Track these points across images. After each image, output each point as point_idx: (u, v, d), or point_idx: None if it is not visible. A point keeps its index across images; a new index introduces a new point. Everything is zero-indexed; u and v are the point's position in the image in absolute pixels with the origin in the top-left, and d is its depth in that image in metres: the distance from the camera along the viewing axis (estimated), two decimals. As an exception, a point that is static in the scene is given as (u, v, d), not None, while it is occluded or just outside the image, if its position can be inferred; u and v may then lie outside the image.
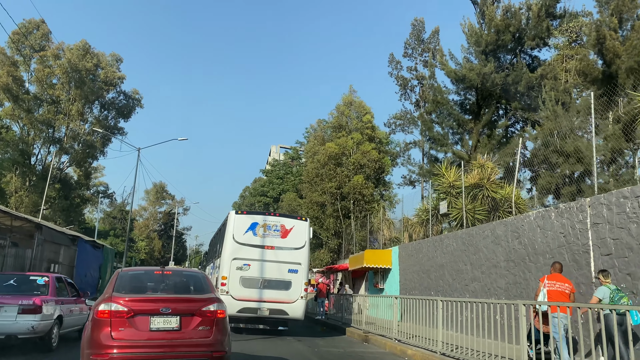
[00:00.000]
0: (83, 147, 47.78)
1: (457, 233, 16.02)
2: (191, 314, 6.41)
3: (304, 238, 14.94)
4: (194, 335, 6.31)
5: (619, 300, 7.83)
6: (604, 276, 8.39)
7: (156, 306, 6.30)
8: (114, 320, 6.06)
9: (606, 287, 8.13)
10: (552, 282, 8.78)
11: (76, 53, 45.85)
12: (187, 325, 6.32)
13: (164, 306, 6.30)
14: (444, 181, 19.23)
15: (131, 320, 6.12)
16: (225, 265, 14.15)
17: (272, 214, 15.11)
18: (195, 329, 6.35)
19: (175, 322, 6.27)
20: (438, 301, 10.69)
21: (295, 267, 14.58)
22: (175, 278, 7.58)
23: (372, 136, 33.60)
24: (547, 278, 8.92)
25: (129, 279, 7.10)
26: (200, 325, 6.38)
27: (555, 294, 8.60)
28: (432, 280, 17.55)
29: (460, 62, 26.90)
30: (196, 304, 6.56)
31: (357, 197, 31.84)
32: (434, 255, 17.55)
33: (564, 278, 9.03)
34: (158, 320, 6.22)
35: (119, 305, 6.16)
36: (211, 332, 6.41)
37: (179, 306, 6.41)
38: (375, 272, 23.83)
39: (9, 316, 8.40)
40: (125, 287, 6.72)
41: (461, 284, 15.29)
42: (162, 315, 6.23)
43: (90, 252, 20.50)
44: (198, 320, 6.40)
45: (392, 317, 15.48)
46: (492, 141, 26.85)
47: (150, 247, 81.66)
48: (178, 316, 6.29)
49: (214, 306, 6.59)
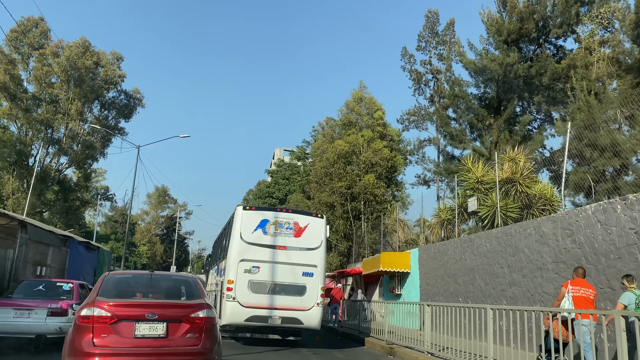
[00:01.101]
0: (82, 148, 46.29)
1: (491, 232, 14.32)
2: (179, 320, 6.04)
3: (320, 237, 13.28)
4: (181, 343, 5.94)
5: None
6: (628, 281, 8.02)
7: (142, 312, 5.91)
8: (96, 326, 5.70)
9: (631, 293, 7.77)
10: (576, 287, 8.39)
11: (75, 51, 44.44)
12: (174, 332, 5.97)
13: (149, 312, 5.92)
14: (471, 176, 17.54)
15: (115, 326, 5.76)
16: (232, 267, 12.49)
17: (285, 210, 13.45)
18: (183, 337, 5.99)
19: (161, 328, 5.92)
20: (488, 309, 8.96)
21: (311, 269, 12.90)
22: (164, 282, 7.26)
23: (383, 133, 31.96)
24: (571, 284, 8.51)
25: (114, 283, 6.70)
26: (188, 333, 6.02)
27: (580, 300, 8.21)
28: (459, 285, 15.84)
29: (480, 53, 25.24)
30: (184, 310, 6.18)
31: (368, 197, 30.16)
32: (462, 258, 15.85)
33: (588, 283, 8.62)
34: (143, 327, 5.86)
35: (102, 310, 5.78)
36: (200, 340, 6.05)
37: (166, 312, 6.04)
38: (392, 277, 22.11)
39: (39, 318, 9.44)
40: (110, 292, 6.33)
41: (496, 289, 13.58)
42: (148, 321, 5.88)
43: (84, 254, 18.86)
44: (186, 327, 6.05)
45: (417, 326, 13.82)
46: (515, 137, 25.14)
47: (152, 252, 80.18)
48: (165, 322, 5.95)
49: (203, 313, 6.20)
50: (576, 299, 8.23)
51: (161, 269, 75.37)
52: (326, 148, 32.39)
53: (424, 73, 32.61)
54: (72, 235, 18.77)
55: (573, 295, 8.29)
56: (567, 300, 8.30)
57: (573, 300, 8.24)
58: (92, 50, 46.14)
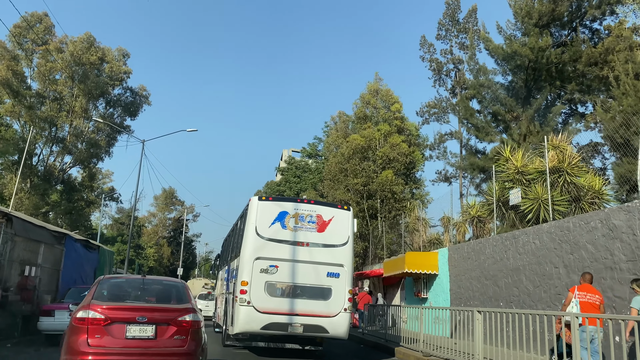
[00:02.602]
0: (87, 146, 44.90)
1: (541, 227, 12.52)
2: (167, 323, 6.39)
3: (347, 232, 11.55)
4: (168, 345, 6.30)
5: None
6: (638, 285, 8.06)
7: (133, 315, 6.27)
8: (90, 327, 6.06)
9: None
10: (582, 293, 8.45)
11: (80, 46, 43.07)
12: (162, 334, 6.31)
13: (140, 315, 6.28)
14: (509, 167, 15.75)
15: (108, 327, 6.13)
16: (246, 266, 10.79)
17: (306, 200, 11.75)
18: (170, 338, 6.34)
19: (150, 330, 6.27)
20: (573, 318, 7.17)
21: (336, 269, 11.18)
22: (154, 287, 7.57)
23: (401, 127, 30.20)
24: (578, 289, 8.58)
25: (109, 287, 7.06)
26: (175, 335, 6.37)
27: (586, 305, 8.29)
28: (500, 287, 14.04)
29: (509, 37, 23.44)
30: (172, 314, 6.52)
31: (386, 195, 28.37)
32: (503, 257, 14.05)
33: (594, 289, 8.69)
34: (134, 329, 6.22)
35: (96, 312, 6.14)
36: (186, 342, 6.39)
37: (155, 315, 6.38)
38: (416, 279, 20.32)
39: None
40: (104, 295, 6.68)
41: (549, 292, 11.77)
42: (138, 323, 6.23)
43: (82, 253, 17.24)
44: (173, 329, 6.38)
45: (446, 333, 12.09)
46: (546, 128, 23.31)
47: (159, 254, 78.82)
48: (154, 325, 6.29)
49: (189, 316, 6.54)
50: (583, 304, 8.31)
51: (168, 272, 74.18)
52: (340, 143, 30.68)
53: (445, 63, 30.83)
54: (68, 232, 17.15)
55: (580, 301, 8.35)
56: (575, 305, 8.35)
57: (580, 305, 8.29)
58: (96, 46, 44.81)
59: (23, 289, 12.75)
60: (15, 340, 11.77)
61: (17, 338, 11.98)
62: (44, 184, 42.99)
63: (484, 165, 24.31)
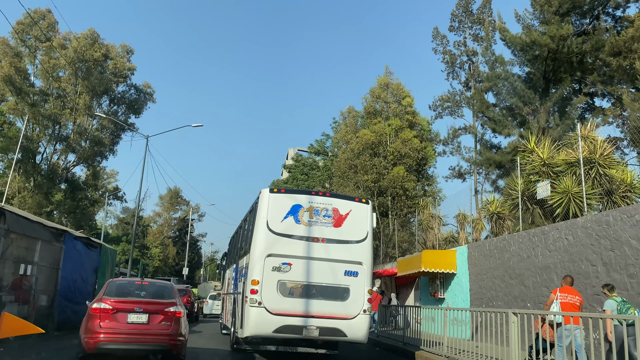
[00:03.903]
0: (91, 144, 44.22)
1: (575, 222, 11.57)
2: (157, 312, 8.58)
3: (366, 227, 10.66)
4: (157, 328, 8.48)
5: (626, 311, 8.07)
6: (609, 290, 8.71)
7: (132, 306, 8.50)
8: (102, 314, 8.27)
9: (612, 300, 8.35)
10: (564, 294, 9.08)
11: (83, 42, 42.41)
12: (153, 321, 8.49)
13: (137, 307, 8.51)
14: (534, 159, 14.80)
15: (114, 315, 8.32)
16: (257, 265, 9.91)
17: (321, 193, 10.86)
18: (159, 324, 8.52)
19: (145, 318, 8.45)
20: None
21: (355, 267, 10.29)
22: (150, 287, 9.65)
23: (413, 122, 29.25)
24: (560, 291, 9.22)
25: (115, 287, 9.32)
26: (163, 321, 8.56)
27: (567, 306, 8.90)
28: (527, 287, 13.10)
29: (528, 26, 22.45)
30: (160, 306, 8.72)
31: (397, 191, 27.45)
32: (530, 254, 13.11)
33: (575, 291, 9.33)
34: (133, 316, 8.40)
35: (106, 304, 8.37)
36: (170, 326, 8.58)
37: (148, 307, 8.58)
38: (432, 279, 19.40)
39: None
40: (112, 292, 8.94)
41: (585, 293, 10.80)
42: (136, 312, 8.43)
43: (83, 252, 16.41)
44: (161, 317, 8.58)
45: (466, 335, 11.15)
46: (567, 121, 22.33)
47: (165, 254, 78.17)
48: (147, 314, 8.48)
49: (173, 308, 8.77)
50: (564, 305, 8.92)
51: (174, 272, 73.66)
52: (350, 139, 29.79)
53: (458, 55, 29.85)
54: (67, 229, 16.34)
55: (561, 302, 8.98)
56: (556, 306, 8.97)
57: (561, 305, 8.93)
58: (100, 43, 44.15)
59: (18, 288, 11.95)
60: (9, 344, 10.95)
61: (10, 342, 11.16)
62: (48, 183, 42.36)
63: (500, 160, 23.35)
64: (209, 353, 11.85)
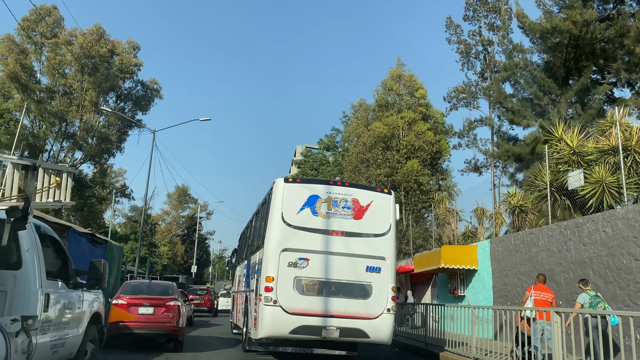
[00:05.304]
0: (98, 141, 43.73)
1: (613, 213, 10.71)
2: (160, 306, 11.36)
3: (389, 219, 9.88)
4: (161, 317, 11.21)
5: (596, 305, 8.84)
6: (583, 284, 9.50)
7: (141, 302, 11.39)
8: (119, 307, 11.13)
9: (586, 294, 9.14)
10: (537, 292, 9.85)
11: (89, 38, 41.85)
12: (158, 312, 11.28)
13: (145, 302, 11.42)
14: (562, 147, 13.93)
15: (129, 308, 11.17)
16: (271, 260, 9.16)
17: (339, 182, 10.10)
18: (162, 314, 11.26)
19: (151, 310, 11.28)
20: None
21: (377, 263, 9.52)
22: (155, 286, 12.92)
23: (426, 114, 28.38)
24: (534, 289, 10.01)
25: (130, 287, 12.44)
26: (165, 312, 11.30)
27: (540, 302, 9.61)
28: (559, 284, 12.24)
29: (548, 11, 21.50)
30: (163, 301, 11.53)
31: (411, 186, 26.61)
32: (562, 249, 12.25)
33: (547, 288, 10.16)
34: (142, 309, 11.25)
35: (123, 301, 11.30)
36: (170, 316, 11.26)
37: (154, 302, 11.46)
38: (451, 275, 18.57)
39: None
40: (127, 291, 11.98)
41: (627, 290, 9.96)
42: (144, 306, 11.29)
43: (87, 248, 15.69)
44: (164, 309, 11.33)
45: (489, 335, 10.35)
46: (590, 111, 21.38)
47: (173, 253, 77.81)
48: (153, 307, 11.32)
49: (173, 302, 11.53)
50: (537, 302, 9.66)
51: (182, 270, 73.34)
52: (361, 132, 28.96)
53: (474, 45, 28.92)
54: (71, 224, 15.68)
55: (535, 299, 9.71)
56: (530, 303, 9.66)
57: (535, 302, 9.65)
58: (106, 38, 43.59)
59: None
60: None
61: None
62: (55, 181, 41.98)
63: (520, 153, 22.44)
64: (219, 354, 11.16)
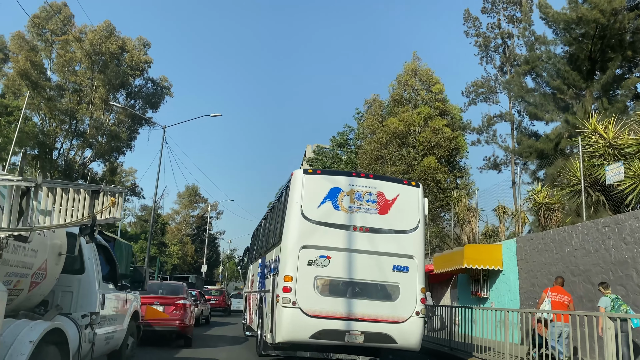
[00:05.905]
0: (108, 139, 43.40)
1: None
2: (170, 304, 12.27)
3: (417, 215, 9.12)
4: (170, 314, 12.11)
5: (619, 308, 8.56)
6: (604, 287, 9.32)
7: (153, 300, 12.18)
8: None
9: (607, 297, 8.93)
10: (554, 294, 9.83)
11: (99, 34, 41.51)
12: (167, 310, 12.17)
13: (157, 300, 12.29)
14: (598, 140, 13.07)
15: (144, 306, 11.00)
16: (290, 257, 8.43)
17: (363, 174, 9.38)
18: (171, 312, 12.17)
19: (162, 308, 12.16)
20: None
21: (405, 262, 8.76)
22: (166, 287, 14.26)
23: (443, 110, 27.52)
24: (550, 290, 9.99)
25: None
26: (174, 310, 12.20)
27: (557, 304, 9.59)
28: (595, 285, 11.39)
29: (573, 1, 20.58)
30: (172, 300, 12.49)
31: (429, 184, 25.77)
32: (599, 248, 11.40)
33: (565, 291, 10.12)
34: (154, 307, 12.07)
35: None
36: (179, 314, 12.19)
37: (164, 301, 12.38)
38: (473, 276, 17.74)
39: None
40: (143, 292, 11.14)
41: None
42: (156, 305, 12.15)
43: (95, 246, 15.15)
44: (173, 307, 12.22)
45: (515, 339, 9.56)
46: (618, 104, 20.43)
47: (183, 252, 77.51)
48: (163, 305, 12.22)
49: (181, 301, 12.49)
50: (554, 304, 9.59)
51: (192, 269, 73.03)
52: (376, 128, 28.17)
53: (493, 38, 27.99)
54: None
55: (552, 300, 9.64)
56: (547, 304, 9.59)
57: (552, 304, 9.57)
58: (116, 35, 43.26)
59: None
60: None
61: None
62: (65, 179, 41.66)
63: (543, 148, 21.52)
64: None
